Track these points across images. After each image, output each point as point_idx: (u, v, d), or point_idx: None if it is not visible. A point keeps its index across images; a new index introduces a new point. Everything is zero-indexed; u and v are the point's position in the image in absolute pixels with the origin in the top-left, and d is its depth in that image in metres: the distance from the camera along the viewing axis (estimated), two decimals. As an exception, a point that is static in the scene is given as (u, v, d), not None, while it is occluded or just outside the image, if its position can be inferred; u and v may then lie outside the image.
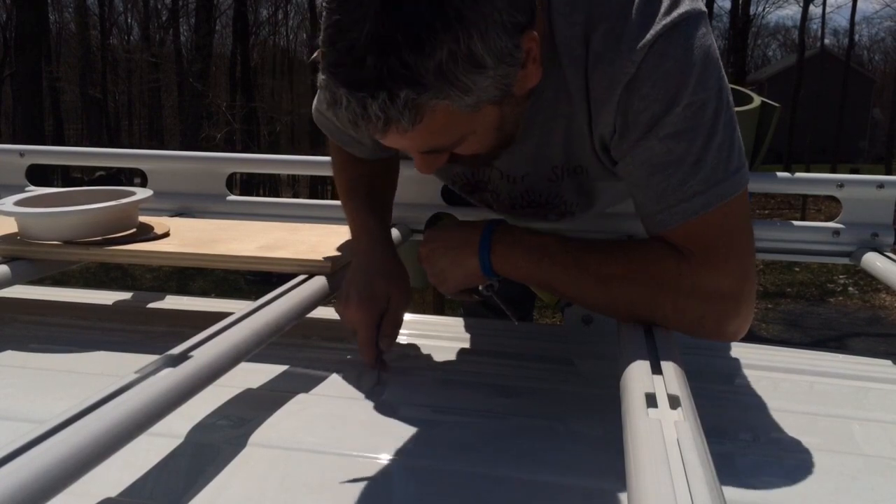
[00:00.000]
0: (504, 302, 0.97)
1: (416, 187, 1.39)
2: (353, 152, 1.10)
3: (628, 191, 0.87)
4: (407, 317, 1.21)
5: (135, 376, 0.62)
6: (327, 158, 1.17)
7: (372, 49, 0.65)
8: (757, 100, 1.33)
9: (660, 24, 0.77)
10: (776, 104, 1.32)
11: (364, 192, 1.08)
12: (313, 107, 1.11)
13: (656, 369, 0.70)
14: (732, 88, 1.41)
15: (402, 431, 0.80)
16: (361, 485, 0.68)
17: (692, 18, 0.78)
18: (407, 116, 0.68)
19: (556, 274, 0.86)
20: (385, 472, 0.71)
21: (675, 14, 0.77)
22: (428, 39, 0.65)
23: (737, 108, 1.06)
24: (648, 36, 0.77)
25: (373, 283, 0.94)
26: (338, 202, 1.34)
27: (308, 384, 0.90)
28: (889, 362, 1.05)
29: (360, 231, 1.03)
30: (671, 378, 0.67)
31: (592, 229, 1.33)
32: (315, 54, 0.74)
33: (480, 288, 0.94)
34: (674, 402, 0.63)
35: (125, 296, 1.31)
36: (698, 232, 0.81)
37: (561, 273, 0.86)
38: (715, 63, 0.80)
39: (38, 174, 1.69)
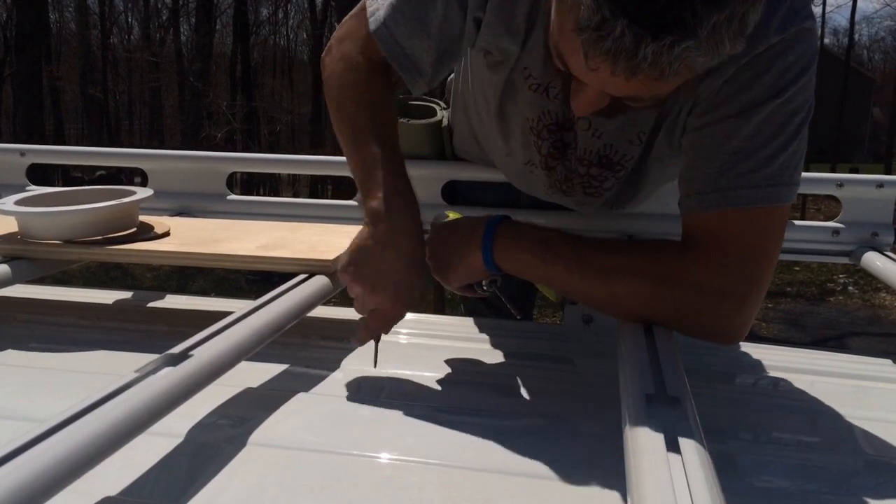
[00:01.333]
0: (507, 298, 0.97)
1: (416, 187, 1.39)
2: (405, 78, 0.96)
3: (686, 163, 0.86)
4: (408, 315, 1.21)
5: (135, 375, 0.62)
6: (327, 158, 1.16)
7: None
8: None
9: (802, 23, 0.80)
10: None
11: (392, 144, 0.94)
12: (376, 20, 0.92)
13: (656, 369, 0.70)
14: None
15: (402, 430, 0.80)
16: (361, 484, 0.68)
17: (816, 31, 0.82)
18: (672, 68, 0.63)
19: (557, 268, 0.84)
20: (385, 472, 0.71)
21: (811, 21, 0.80)
22: (730, 4, 0.61)
23: None
24: (789, 24, 0.79)
25: (415, 284, 0.87)
26: (338, 201, 1.33)
27: (308, 383, 0.90)
28: (889, 361, 1.05)
29: (390, 194, 0.89)
30: (671, 377, 0.67)
31: (594, 228, 1.33)
32: None
33: (483, 284, 0.94)
34: (674, 402, 0.63)
35: (125, 295, 1.31)
36: (735, 224, 0.81)
37: (562, 267, 0.84)
38: (814, 77, 0.82)
39: (39, 173, 1.69)
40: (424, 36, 0.92)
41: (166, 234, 1.13)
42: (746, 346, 1.09)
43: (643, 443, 0.56)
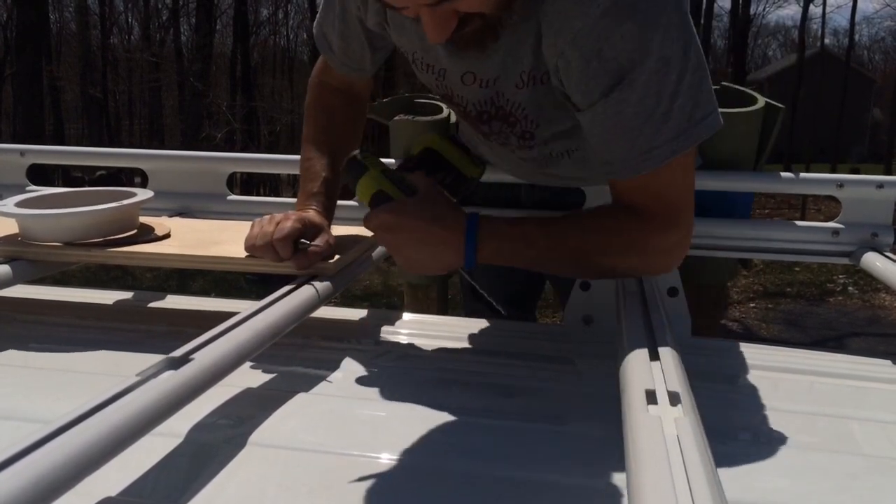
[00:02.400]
0: (474, 279, 0.97)
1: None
2: (328, 60, 1.17)
3: (595, 138, 0.91)
4: (408, 316, 1.21)
5: (136, 379, 0.62)
6: None
7: None
8: (761, 101, 1.33)
9: None
10: (780, 105, 1.32)
11: (327, 147, 1.15)
12: (315, 25, 1.16)
13: (656, 367, 0.70)
14: (736, 90, 1.41)
15: (402, 431, 0.80)
16: (361, 485, 0.68)
17: None
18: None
19: (537, 258, 0.93)
20: (385, 472, 0.71)
21: None
22: None
23: (741, 109, 1.07)
24: None
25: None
26: (338, 202, 1.35)
27: (308, 384, 0.91)
28: (888, 362, 1.05)
29: (301, 188, 1.14)
30: (671, 375, 0.67)
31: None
32: None
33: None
34: (674, 399, 0.63)
35: (126, 295, 1.32)
36: (662, 178, 0.88)
37: (538, 255, 0.93)
38: (683, 16, 0.84)
39: (39, 174, 1.69)
40: (331, 26, 1.12)
41: (167, 236, 1.13)
42: (746, 346, 1.10)
43: (643, 443, 0.56)
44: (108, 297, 1.30)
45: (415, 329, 1.14)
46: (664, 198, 0.90)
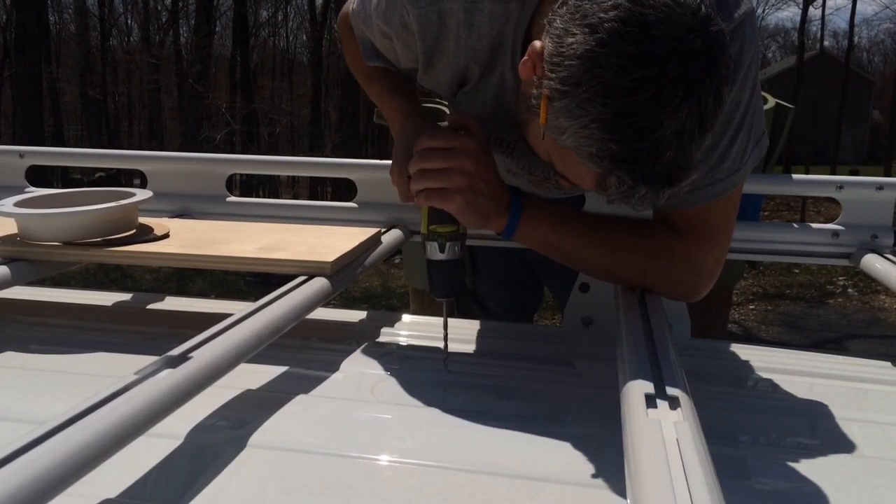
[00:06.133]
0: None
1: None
2: (371, 64, 1.12)
3: None
4: (407, 318, 1.21)
5: (134, 377, 0.62)
6: (326, 160, 1.17)
7: (673, 143, 0.69)
8: (771, 101, 1.33)
9: (727, 24, 0.82)
10: (790, 105, 1.32)
11: (382, 74, 1.12)
12: (348, 9, 1.11)
13: (656, 370, 0.70)
14: None
15: (402, 432, 0.80)
16: (361, 486, 0.68)
17: (748, 18, 0.86)
18: (682, 193, 0.77)
19: (568, 237, 0.95)
20: (384, 474, 0.71)
21: (738, 13, 0.84)
22: (710, 127, 0.71)
23: None
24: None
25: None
26: (337, 203, 1.35)
27: (308, 385, 0.90)
28: (888, 364, 1.05)
29: (391, 112, 1.10)
30: (671, 379, 0.67)
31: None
32: None
33: (447, 243, 0.94)
34: (673, 403, 0.63)
35: (125, 297, 1.31)
36: (705, 212, 0.93)
37: (573, 237, 0.95)
38: (756, 61, 0.88)
39: (38, 175, 1.68)
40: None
41: (166, 236, 1.13)
42: (746, 348, 1.09)
43: (643, 444, 0.56)
44: (107, 298, 1.30)
45: (414, 331, 1.14)
46: (707, 222, 0.94)
